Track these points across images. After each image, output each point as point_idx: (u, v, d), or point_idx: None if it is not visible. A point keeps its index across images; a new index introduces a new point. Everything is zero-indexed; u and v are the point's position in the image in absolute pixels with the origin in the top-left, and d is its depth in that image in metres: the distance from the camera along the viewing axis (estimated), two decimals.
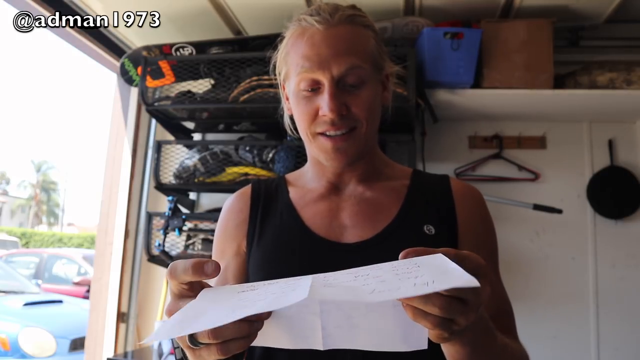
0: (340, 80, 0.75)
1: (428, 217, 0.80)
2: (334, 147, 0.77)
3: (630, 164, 2.08)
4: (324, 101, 0.75)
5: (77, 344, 4.33)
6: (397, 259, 0.51)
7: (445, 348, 0.60)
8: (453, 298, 0.46)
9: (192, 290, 0.54)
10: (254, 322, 0.49)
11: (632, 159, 2.08)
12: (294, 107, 0.81)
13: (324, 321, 0.51)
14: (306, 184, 0.88)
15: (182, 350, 0.59)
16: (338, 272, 0.53)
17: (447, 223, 0.81)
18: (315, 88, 0.77)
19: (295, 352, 0.74)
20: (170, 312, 0.53)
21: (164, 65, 1.88)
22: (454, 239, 0.80)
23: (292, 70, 0.78)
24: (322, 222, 0.81)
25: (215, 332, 0.47)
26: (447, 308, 0.46)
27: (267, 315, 0.50)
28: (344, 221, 0.81)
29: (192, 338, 0.50)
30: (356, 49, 0.76)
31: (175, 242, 1.90)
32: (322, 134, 0.78)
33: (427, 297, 0.46)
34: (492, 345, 0.61)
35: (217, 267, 0.51)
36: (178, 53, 1.93)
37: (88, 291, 4.03)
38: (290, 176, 0.92)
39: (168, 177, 1.92)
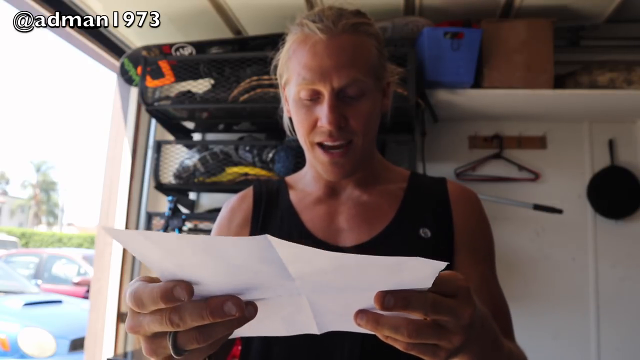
0: (341, 91, 0.75)
1: (424, 221, 0.81)
2: (331, 161, 0.78)
3: (630, 164, 2.08)
4: (323, 112, 0.75)
5: (77, 344, 4.33)
6: None
7: None
8: (428, 324, 0.45)
9: None
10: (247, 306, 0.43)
11: (632, 159, 2.08)
12: (293, 114, 0.81)
13: (313, 306, 0.47)
14: (305, 187, 0.89)
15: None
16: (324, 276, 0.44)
17: (443, 226, 0.81)
18: (315, 98, 0.76)
19: (293, 347, 0.75)
20: (132, 328, 0.46)
21: (163, 65, 1.88)
22: (450, 242, 0.80)
23: (293, 78, 0.78)
24: (321, 225, 0.82)
25: (203, 334, 0.43)
26: (419, 333, 0.44)
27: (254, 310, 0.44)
28: (341, 224, 0.82)
29: (176, 347, 0.44)
30: (358, 61, 0.75)
31: None
32: (320, 144, 0.78)
33: (395, 327, 0.43)
34: (500, 357, 0.60)
35: (190, 291, 0.42)
36: (178, 53, 1.92)
37: (88, 291, 4.03)
38: (290, 179, 0.93)
39: (168, 177, 1.92)
